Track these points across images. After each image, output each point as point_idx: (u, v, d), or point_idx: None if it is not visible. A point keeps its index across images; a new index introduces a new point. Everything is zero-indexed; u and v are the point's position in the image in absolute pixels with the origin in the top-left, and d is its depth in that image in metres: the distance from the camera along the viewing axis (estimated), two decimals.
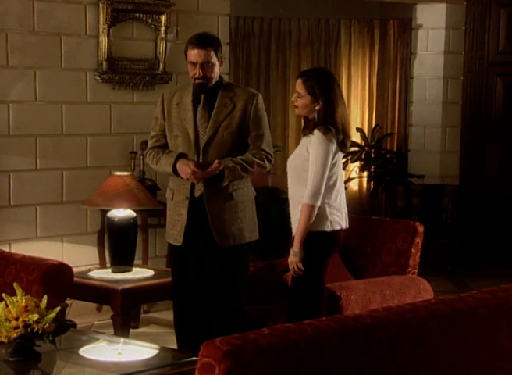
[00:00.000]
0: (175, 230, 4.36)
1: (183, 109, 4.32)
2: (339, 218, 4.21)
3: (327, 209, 4.14)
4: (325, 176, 4.10)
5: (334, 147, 4.13)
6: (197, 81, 4.27)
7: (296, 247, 4.13)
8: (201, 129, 4.28)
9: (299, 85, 4.23)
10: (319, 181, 4.08)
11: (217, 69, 4.28)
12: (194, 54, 4.22)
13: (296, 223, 4.17)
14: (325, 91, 4.17)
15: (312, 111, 4.19)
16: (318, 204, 4.10)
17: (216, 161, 4.19)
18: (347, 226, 4.30)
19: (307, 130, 4.22)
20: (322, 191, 4.10)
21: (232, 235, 4.30)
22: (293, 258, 4.15)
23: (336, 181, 4.18)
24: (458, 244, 8.27)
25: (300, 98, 4.22)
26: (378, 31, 9.46)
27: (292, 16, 9.18)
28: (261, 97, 4.39)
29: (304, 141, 4.22)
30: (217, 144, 4.27)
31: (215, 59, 4.24)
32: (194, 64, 4.23)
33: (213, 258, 4.30)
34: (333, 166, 4.14)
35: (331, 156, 4.12)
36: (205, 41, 4.26)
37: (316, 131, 4.14)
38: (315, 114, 4.18)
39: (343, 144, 4.19)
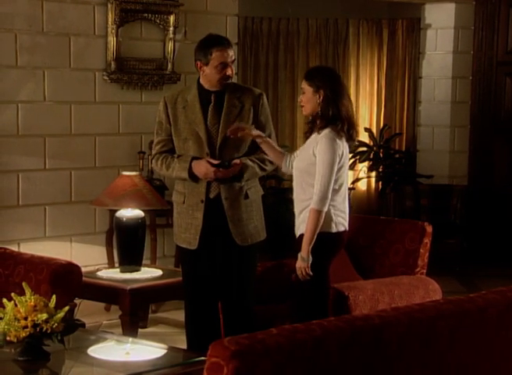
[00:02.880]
0: (189, 233, 4.33)
1: (191, 112, 4.30)
2: (343, 219, 4.20)
3: (332, 211, 4.13)
4: (332, 181, 4.08)
5: (341, 151, 4.12)
6: (225, 82, 4.26)
7: (304, 252, 4.10)
8: (213, 130, 4.27)
9: (303, 83, 4.23)
10: (326, 187, 4.07)
11: None
12: (225, 54, 4.21)
13: (300, 224, 4.17)
14: (326, 81, 4.14)
15: (316, 105, 4.16)
16: (326, 209, 4.08)
17: (237, 160, 4.21)
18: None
19: (311, 132, 4.21)
20: (329, 196, 4.09)
21: (250, 234, 4.33)
22: (302, 263, 4.11)
23: (341, 184, 4.17)
24: (467, 245, 8.25)
25: (303, 94, 4.21)
26: (386, 31, 9.43)
27: (300, 15, 9.16)
28: (265, 95, 4.43)
29: (310, 142, 4.20)
30: (232, 144, 4.27)
31: None
32: (225, 64, 4.22)
33: (227, 259, 4.31)
34: (340, 169, 4.13)
35: (337, 161, 4.09)
36: (227, 41, 4.30)
37: (323, 135, 4.11)
38: (319, 108, 4.14)
39: (351, 137, 4.18)
